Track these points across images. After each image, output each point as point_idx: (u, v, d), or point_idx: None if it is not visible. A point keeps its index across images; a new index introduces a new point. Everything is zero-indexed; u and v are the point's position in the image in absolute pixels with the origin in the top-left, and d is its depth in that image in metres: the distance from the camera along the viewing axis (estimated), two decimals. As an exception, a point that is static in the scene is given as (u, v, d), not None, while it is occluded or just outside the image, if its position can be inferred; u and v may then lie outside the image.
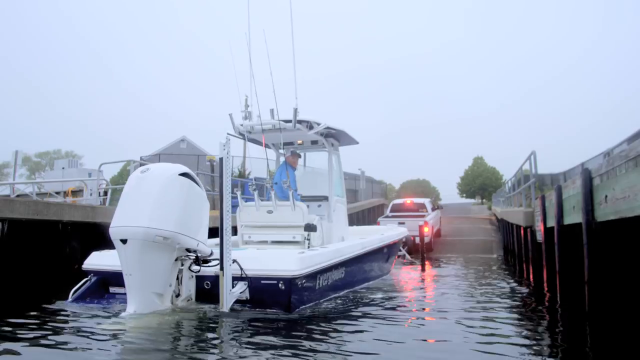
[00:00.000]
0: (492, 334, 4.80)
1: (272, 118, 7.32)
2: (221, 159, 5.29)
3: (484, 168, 56.46)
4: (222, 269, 5.09)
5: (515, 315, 5.94)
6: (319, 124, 7.52)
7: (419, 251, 13.41)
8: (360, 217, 22.39)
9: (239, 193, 7.58)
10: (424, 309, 6.56)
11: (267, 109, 7.35)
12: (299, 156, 8.41)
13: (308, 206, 7.70)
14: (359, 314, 5.77)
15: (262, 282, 5.40)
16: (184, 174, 5.31)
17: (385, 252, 9.11)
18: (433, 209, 18.19)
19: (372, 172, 35.71)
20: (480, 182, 54.81)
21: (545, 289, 7.33)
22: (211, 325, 4.96)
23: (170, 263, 5.16)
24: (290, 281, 5.38)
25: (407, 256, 13.59)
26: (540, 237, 7.76)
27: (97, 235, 7.31)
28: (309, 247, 6.76)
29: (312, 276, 5.85)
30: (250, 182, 7.67)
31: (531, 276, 8.65)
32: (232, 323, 4.95)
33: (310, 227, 6.89)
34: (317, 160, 8.83)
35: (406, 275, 10.38)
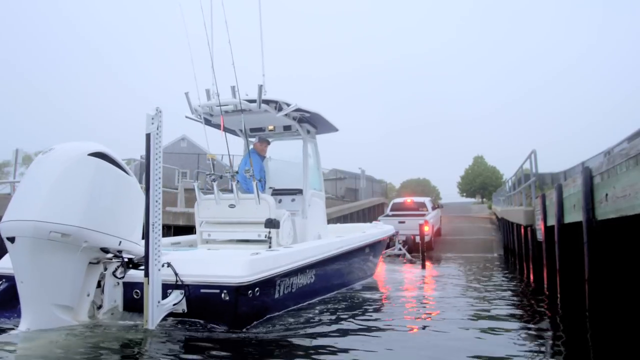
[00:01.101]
0: (492, 333, 4.80)
1: (234, 97, 6.31)
2: (148, 136, 4.15)
3: (484, 167, 56.46)
4: (147, 274, 4.01)
5: (516, 314, 5.94)
6: (289, 105, 6.49)
7: (419, 250, 13.43)
8: (361, 216, 22.36)
9: (196, 184, 6.65)
10: (423, 308, 6.55)
11: (234, 87, 6.34)
12: (268, 143, 7.47)
13: (280, 201, 7.18)
14: (334, 325, 4.98)
15: (202, 291, 4.41)
16: (97, 154, 4.20)
17: (367, 252, 8.29)
18: (433, 208, 18.19)
19: (372, 171, 35.67)
20: (480, 182, 54.80)
21: (546, 287, 7.33)
22: (128, 349, 3.84)
23: (80, 267, 4.14)
24: (235, 290, 4.37)
25: (407, 255, 13.59)
26: (540, 235, 7.76)
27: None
28: (270, 247, 5.89)
29: (269, 283, 4.92)
30: (207, 172, 6.43)
31: (531, 275, 8.65)
32: (157, 345, 3.92)
33: (271, 224, 6.00)
34: (295, 150, 7.71)
35: (406, 274, 10.37)
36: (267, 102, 6.43)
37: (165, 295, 4.26)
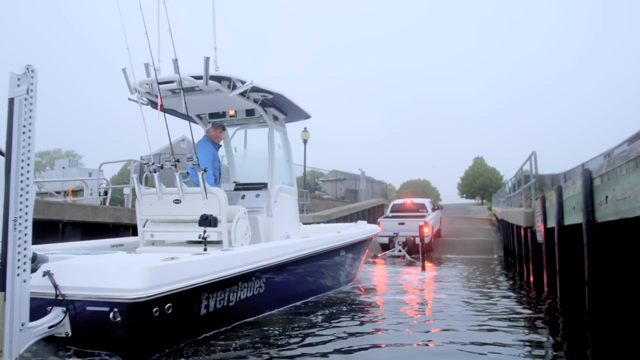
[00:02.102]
0: (492, 334, 4.80)
1: (176, 72, 5.30)
2: (11, 101, 3.12)
3: (484, 168, 56.49)
4: (3, 288, 3.00)
5: (516, 316, 5.94)
6: (243, 82, 5.62)
7: (418, 251, 13.43)
8: (361, 217, 22.36)
9: (135, 177, 5.84)
10: (423, 310, 6.55)
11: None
12: (223, 129, 6.65)
13: (244, 197, 6.54)
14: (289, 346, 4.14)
15: (89, 308, 3.46)
16: None
17: (342, 255, 7.40)
18: (433, 209, 18.19)
19: (372, 173, 35.69)
20: (480, 183, 54.82)
21: (546, 289, 7.33)
22: None
23: None
24: (129, 308, 3.40)
25: (407, 256, 13.59)
26: (540, 237, 7.75)
27: (97, 235, 7.32)
28: (205, 249, 4.94)
29: (188, 297, 3.94)
30: (146, 160, 5.52)
31: (531, 276, 8.65)
32: None
33: (206, 221, 5.17)
34: (264, 140, 6.81)
35: (406, 276, 10.37)
36: (217, 79, 5.53)
37: (43, 314, 3.38)
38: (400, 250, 14.09)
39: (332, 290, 7.17)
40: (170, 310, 3.70)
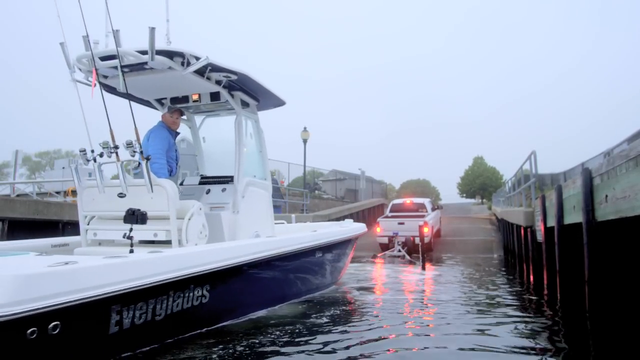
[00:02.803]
0: (491, 334, 4.80)
1: (118, 45, 4.68)
2: None
3: (484, 168, 56.53)
4: None
5: (515, 315, 5.93)
6: (198, 58, 4.95)
7: (418, 251, 13.41)
8: (361, 217, 22.37)
9: (73, 167, 5.16)
10: (423, 310, 6.55)
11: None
12: (180, 114, 5.93)
13: (209, 191, 6.04)
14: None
15: None
16: None
17: (319, 256, 6.69)
18: (433, 209, 18.18)
19: (372, 173, 35.72)
20: (480, 182, 54.85)
21: (546, 288, 7.33)
22: None
23: None
24: None
25: (407, 256, 13.59)
26: (540, 236, 7.76)
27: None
28: (132, 251, 4.28)
29: (86, 312, 3.22)
30: (82, 148, 4.82)
31: (531, 276, 8.65)
32: None
33: (132, 218, 4.48)
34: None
35: (406, 276, 10.36)
36: (167, 54, 4.83)
37: None
38: (399, 250, 14.07)
39: (308, 294, 6.51)
40: (57, 330, 3.00)
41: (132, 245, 4.40)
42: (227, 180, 6.10)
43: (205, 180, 6.29)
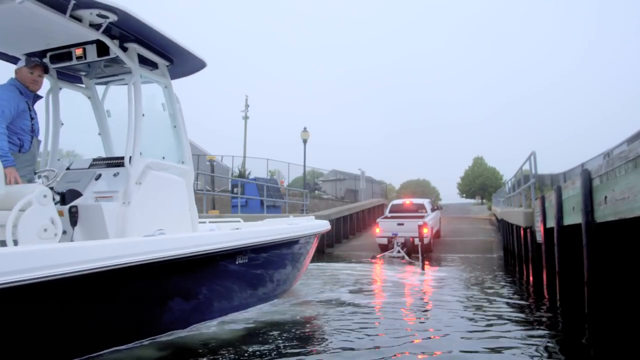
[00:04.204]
0: (491, 335, 4.79)
1: None
2: None
3: (484, 168, 56.58)
4: None
5: (515, 316, 5.93)
6: None
7: (418, 252, 13.40)
8: (360, 217, 22.37)
9: None
10: (422, 311, 6.54)
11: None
12: (44, 70, 4.55)
13: (99, 176, 4.74)
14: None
15: None
16: None
17: (240, 263, 5.22)
18: (433, 210, 18.17)
19: (372, 173, 35.76)
20: (480, 183, 54.88)
21: (545, 289, 7.33)
22: None
23: None
24: None
25: (406, 257, 13.58)
26: (540, 237, 7.75)
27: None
28: None
29: None
30: None
31: (531, 277, 8.64)
32: None
33: None
34: (157, 102, 5.26)
35: (405, 277, 10.36)
36: None
37: None
38: (399, 251, 14.07)
39: (229, 313, 5.16)
40: None
41: None
42: (116, 162, 4.84)
43: (97, 163, 4.95)
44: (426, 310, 6.44)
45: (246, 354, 3.97)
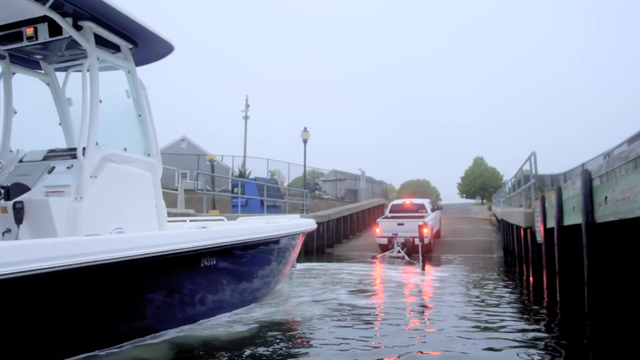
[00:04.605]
0: (491, 335, 4.79)
1: None
2: None
3: (484, 168, 56.56)
4: None
5: (515, 316, 5.93)
6: None
7: (418, 252, 13.40)
8: (361, 217, 22.37)
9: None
10: (422, 311, 6.54)
11: None
12: None
13: (52, 169, 4.34)
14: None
15: None
16: None
17: (206, 265, 4.73)
18: (433, 210, 18.16)
19: (373, 173, 35.78)
20: (480, 183, 54.87)
21: (545, 289, 7.33)
22: None
23: None
24: None
25: (406, 257, 13.57)
26: (540, 237, 7.75)
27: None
28: None
29: None
30: None
31: (531, 277, 8.64)
32: None
33: None
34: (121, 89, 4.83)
35: (405, 277, 10.36)
36: None
37: None
38: (399, 252, 14.06)
39: (196, 320, 4.72)
40: None
41: None
42: (68, 154, 4.42)
43: (52, 155, 4.53)
44: (426, 311, 6.44)
45: (246, 354, 3.97)
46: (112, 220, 4.32)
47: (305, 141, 23.84)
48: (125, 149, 4.68)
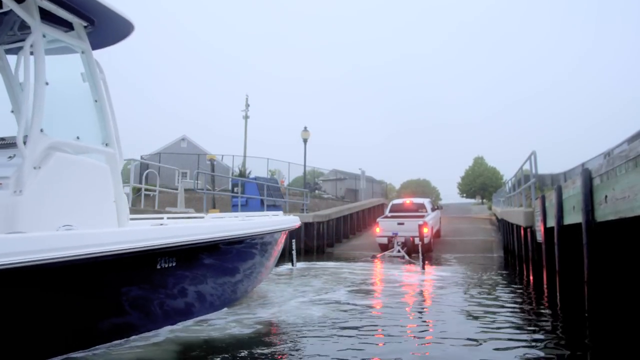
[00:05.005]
0: (491, 334, 4.79)
1: None
2: None
3: (485, 168, 56.58)
4: None
5: (515, 316, 5.93)
6: None
7: (418, 252, 13.40)
8: (361, 217, 22.37)
9: None
10: (422, 311, 6.54)
11: None
12: None
13: None
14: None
15: None
16: None
17: (163, 267, 4.25)
18: (433, 209, 18.16)
19: (373, 173, 35.75)
20: (480, 182, 54.88)
21: (545, 289, 7.33)
22: None
23: None
24: None
25: (406, 257, 13.58)
26: (540, 237, 7.75)
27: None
28: None
29: None
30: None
31: (531, 276, 8.64)
32: None
33: None
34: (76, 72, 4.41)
35: (405, 276, 10.36)
36: None
37: None
38: (399, 251, 14.06)
39: (154, 328, 4.31)
40: None
41: None
42: (8, 143, 3.95)
43: None
44: (426, 310, 6.44)
45: (245, 354, 3.97)
46: (59, 216, 3.85)
47: (305, 141, 23.84)
48: (77, 138, 4.23)
